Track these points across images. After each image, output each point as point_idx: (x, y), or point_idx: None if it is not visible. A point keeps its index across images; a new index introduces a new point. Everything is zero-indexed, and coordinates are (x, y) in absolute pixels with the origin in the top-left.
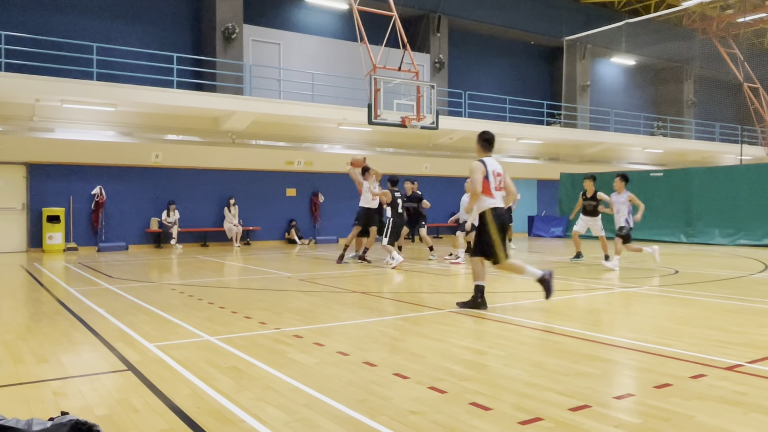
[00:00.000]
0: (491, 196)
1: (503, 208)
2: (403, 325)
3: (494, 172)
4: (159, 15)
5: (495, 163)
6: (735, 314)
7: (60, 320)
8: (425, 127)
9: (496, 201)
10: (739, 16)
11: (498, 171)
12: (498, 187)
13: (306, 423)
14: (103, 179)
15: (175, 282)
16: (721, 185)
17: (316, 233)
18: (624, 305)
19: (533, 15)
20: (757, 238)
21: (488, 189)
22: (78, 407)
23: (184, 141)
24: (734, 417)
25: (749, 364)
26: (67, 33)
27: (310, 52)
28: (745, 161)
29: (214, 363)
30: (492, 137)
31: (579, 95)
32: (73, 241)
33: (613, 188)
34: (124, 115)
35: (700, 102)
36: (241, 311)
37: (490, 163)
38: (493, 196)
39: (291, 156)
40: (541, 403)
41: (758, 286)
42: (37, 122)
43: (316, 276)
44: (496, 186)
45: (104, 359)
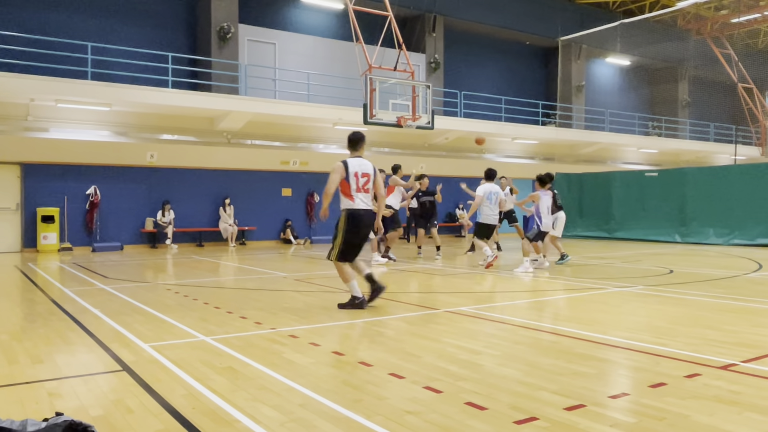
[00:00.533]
0: (350, 198)
1: (365, 210)
2: (398, 325)
3: (357, 174)
4: (154, 14)
5: (362, 165)
6: (729, 314)
7: (55, 321)
8: (421, 127)
9: (355, 203)
10: (733, 17)
11: (364, 172)
12: (360, 189)
13: (301, 423)
14: (98, 179)
15: (170, 282)
16: (715, 185)
17: (312, 233)
18: (619, 305)
19: (528, 15)
20: (752, 238)
21: (347, 190)
22: (73, 408)
23: (180, 141)
24: (729, 416)
25: (744, 364)
26: (61, 32)
27: (305, 52)
28: (739, 161)
29: (210, 363)
30: (357, 138)
31: (574, 95)
32: (67, 241)
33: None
34: (119, 114)
35: (694, 102)
36: (236, 311)
37: (354, 164)
38: (353, 198)
39: (286, 156)
40: (537, 403)
41: (753, 285)
42: (31, 122)
43: (311, 276)
44: (357, 188)
45: (99, 360)
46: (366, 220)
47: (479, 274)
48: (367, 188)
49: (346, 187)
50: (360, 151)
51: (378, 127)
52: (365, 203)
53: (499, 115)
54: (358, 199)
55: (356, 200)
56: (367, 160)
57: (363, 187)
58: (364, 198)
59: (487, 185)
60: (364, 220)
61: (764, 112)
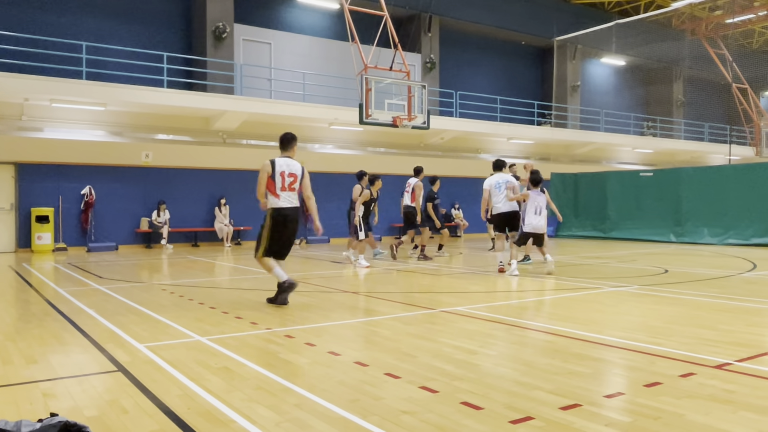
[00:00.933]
0: (276, 196)
1: (289, 208)
2: (394, 324)
3: (284, 173)
4: (149, 14)
5: (289, 164)
6: (724, 313)
7: (49, 321)
8: (416, 127)
9: (280, 201)
10: (727, 17)
11: (291, 172)
12: (286, 188)
13: (297, 423)
14: (92, 179)
15: (165, 282)
16: (710, 185)
17: (308, 233)
18: (614, 304)
19: (524, 15)
20: (746, 238)
21: (273, 189)
22: (67, 408)
23: (175, 141)
24: (723, 415)
25: (738, 363)
26: (56, 31)
27: (301, 51)
28: (733, 161)
29: (205, 363)
30: (286, 138)
31: (569, 95)
32: (62, 242)
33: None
34: (114, 114)
35: (689, 102)
36: (232, 311)
37: (282, 163)
38: (278, 197)
39: None
40: (532, 402)
41: (747, 285)
42: (25, 121)
43: (307, 276)
44: (282, 186)
45: (94, 360)
46: (292, 220)
47: (475, 274)
48: (293, 187)
49: (272, 186)
50: (290, 152)
51: (374, 127)
52: (290, 201)
53: (495, 115)
54: (283, 198)
55: (281, 198)
56: (296, 161)
57: (289, 186)
58: (288, 196)
59: (494, 176)
60: (290, 220)
61: (758, 113)
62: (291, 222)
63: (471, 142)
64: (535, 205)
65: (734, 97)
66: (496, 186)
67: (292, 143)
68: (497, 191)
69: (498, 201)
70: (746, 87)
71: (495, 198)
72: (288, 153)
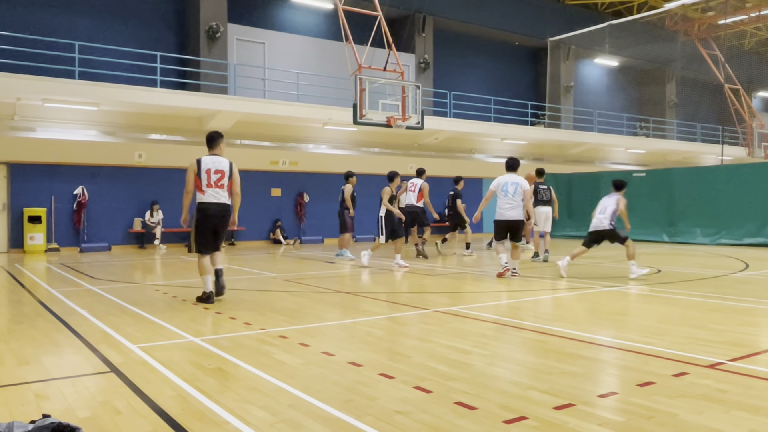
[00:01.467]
0: (202, 192)
1: (214, 204)
2: (388, 325)
3: (210, 170)
4: (142, 13)
5: (216, 162)
6: (717, 313)
7: (41, 322)
8: (410, 127)
9: (205, 197)
10: (720, 18)
11: (217, 169)
12: (212, 185)
13: (291, 424)
14: (85, 179)
15: (158, 283)
16: (702, 185)
17: (302, 233)
18: (607, 304)
19: (517, 16)
20: (738, 238)
21: (200, 186)
22: (60, 410)
23: (168, 141)
24: (716, 414)
25: (731, 362)
26: (49, 31)
27: (295, 51)
28: (726, 161)
29: (199, 364)
30: (211, 136)
31: (563, 96)
32: (54, 242)
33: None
34: (106, 114)
35: (682, 103)
36: (225, 312)
37: (207, 161)
38: (204, 193)
39: (276, 156)
40: (526, 402)
41: (739, 285)
42: (18, 121)
43: (301, 276)
44: (208, 183)
45: (87, 361)
46: (216, 213)
47: (469, 274)
48: (220, 184)
49: (198, 183)
50: (216, 149)
51: (368, 127)
52: (215, 197)
53: (489, 115)
54: (209, 194)
55: (206, 194)
56: (225, 159)
57: (216, 183)
58: (214, 192)
59: (504, 177)
60: (213, 213)
61: (750, 113)
62: (216, 217)
63: (465, 142)
64: (602, 205)
65: (726, 97)
66: (504, 188)
67: (218, 141)
68: (503, 194)
69: (503, 205)
70: (738, 88)
71: (500, 201)
72: (215, 151)
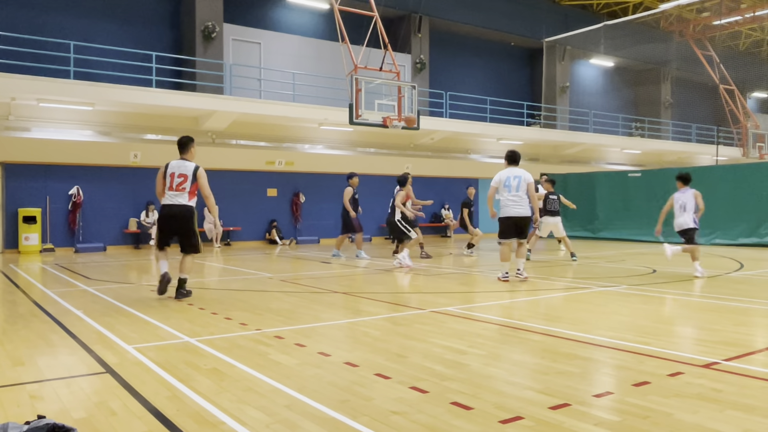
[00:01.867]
0: (163, 194)
1: (170, 205)
2: (384, 325)
3: (173, 174)
4: (138, 13)
5: (181, 166)
6: (711, 313)
7: (36, 322)
8: (406, 128)
9: (165, 199)
10: (714, 19)
11: (181, 173)
12: (174, 188)
13: (287, 424)
14: (80, 179)
15: (154, 283)
16: (697, 186)
17: (297, 233)
18: (602, 304)
19: (513, 16)
20: (733, 238)
21: (162, 188)
22: (55, 411)
23: (164, 141)
24: (711, 414)
25: (725, 362)
26: (44, 31)
27: (291, 51)
28: (720, 162)
29: (194, 365)
30: (182, 142)
31: (558, 96)
32: (49, 242)
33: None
34: (102, 114)
35: (677, 103)
36: (221, 312)
37: (173, 165)
38: (165, 195)
39: (272, 156)
40: (522, 402)
41: (734, 284)
42: (12, 121)
43: (297, 276)
44: (170, 186)
45: (82, 362)
46: (173, 214)
47: (465, 274)
48: (181, 188)
49: (163, 185)
50: (186, 154)
51: (364, 127)
52: (172, 200)
53: (485, 115)
54: (168, 196)
55: (166, 197)
56: (192, 163)
57: (177, 186)
58: (174, 195)
59: (506, 170)
60: (170, 214)
61: (745, 114)
62: (173, 218)
63: (461, 142)
64: (680, 203)
65: (721, 98)
66: (506, 182)
67: (189, 146)
68: (506, 190)
69: (507, 201)
70: (733, 88)
71: (504, 196)
72: (184, 156)
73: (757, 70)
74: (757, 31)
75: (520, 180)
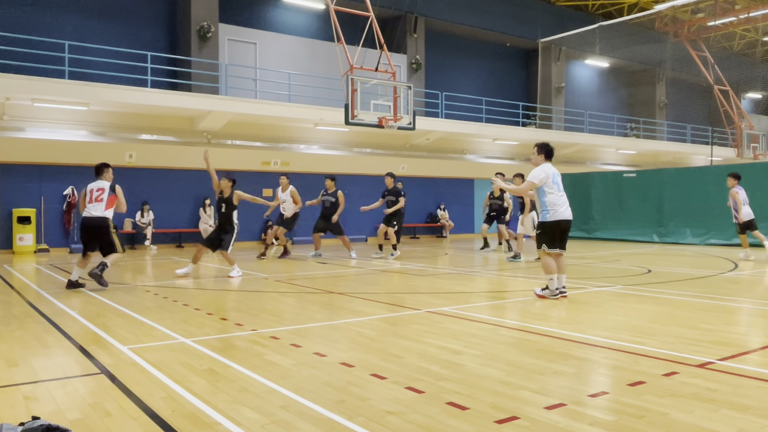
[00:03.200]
0: (84, 208)
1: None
2: (380, 325)
3: (92, 190)
4: (133, 13)
5: (96, 185)
6: (706, 312)
7: (31, 323)
8: (402, 128)
9: (83, 213)
10: (709, 20)
11: (98, 188)
12: (93, 200)
13: (283, 425)
14: (75, 179)
15: (149, 284)
16: (692, 186)
17: (293, 234)
18: (598, 304)
19: (509, 17)
20: (728, 238)
21: (84, 204)
22: (50, 412)
23: (159, 141)
24: (706, 413)
25: (720, 362)
26: (38, 30)
27: (286, 51)
28: (715, 162)
29: (190, 365)
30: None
31: (554, 96)
32: (44, 243)
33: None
34: (97, 114)
35: (671, 104)
36: (216, 313)
37: (90, 186)
38: (85, 208)
39: (267, 156)
40: (517, 402)
41: (729, 284)
42: (7, 121)
43: (292, 277)
44: (90, 200)
45: (77, 363)
46: (89, 225)
47: (460, 274)
48: (99, 198)
49: (83, 204)
50: (102, 176)
51: (359, 127)
52: (89, 212)
53: (480, 116)
54: (87, 209)
55: (85, 210)
56: (107, 182)
57: (95, 198)
58: (91, 207)
59: (546, 165)
60: (86, 224)
61: (740, 114)
62: (90, 228)
63: (456, 142)
64: (742, 196)
65: (716, 98)
66: (554, 180)
67: (103, 171)
68: (555, 188)
69: (556, 201)
70: (728, 89)
71: (550, 197)
72: (100, 178)
73: (751, 71)
74: (751, 32)
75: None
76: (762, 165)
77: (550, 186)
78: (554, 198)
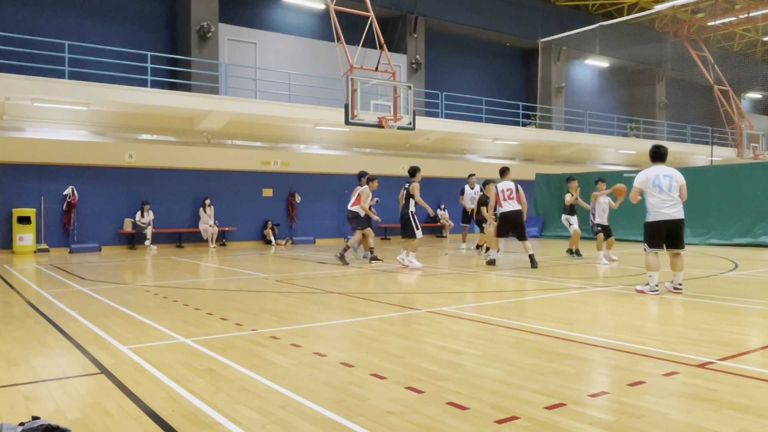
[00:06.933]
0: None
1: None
2: (380, 325)
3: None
4: (133, 13)
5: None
6: (706, 312)
7: (31, 323)
8: (402, 128)
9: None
10: (709, 20)
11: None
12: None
13: (283, 425)
14: (75, 179)
15: (149, 283)
16: (692, 186)
17: (293, 234)
18: (598, 304)
19: (509, 17)
20: (728, 238)
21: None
22: (50, 412)
23: (159, 141)
24: (706, 413)
25: (720, 362)
26: (38, 30)
27: (286, 51)
28: (715, 162)
29: (190, 365)
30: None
31: (554, 96)
32: (44, 243)
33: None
34: (97, 114)
35: (671, 104)
36: (216, 313)
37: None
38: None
39: (267, 156)
40: (518, 402)
41: (729, 284)
42: (7, 121)
43: (292, 277)
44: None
45: (77, 363)
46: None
47: (460, 274)
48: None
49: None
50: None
51: (359, 127)
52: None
53: (480, 116)
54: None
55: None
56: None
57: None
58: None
59: (651, 168)
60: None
61: (740, 114)
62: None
63: (456, 142)
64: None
65: (716, 98)
66: (655, 181)
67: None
68: (657, 191)
69: (658, 203)
70: (728, 89)
71: (652, 199)
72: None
73: (751, 71)
74: (751, 31)
75: (671, 180)
76: (762, 165)
77: (651, 188)
78: (654, 201)
